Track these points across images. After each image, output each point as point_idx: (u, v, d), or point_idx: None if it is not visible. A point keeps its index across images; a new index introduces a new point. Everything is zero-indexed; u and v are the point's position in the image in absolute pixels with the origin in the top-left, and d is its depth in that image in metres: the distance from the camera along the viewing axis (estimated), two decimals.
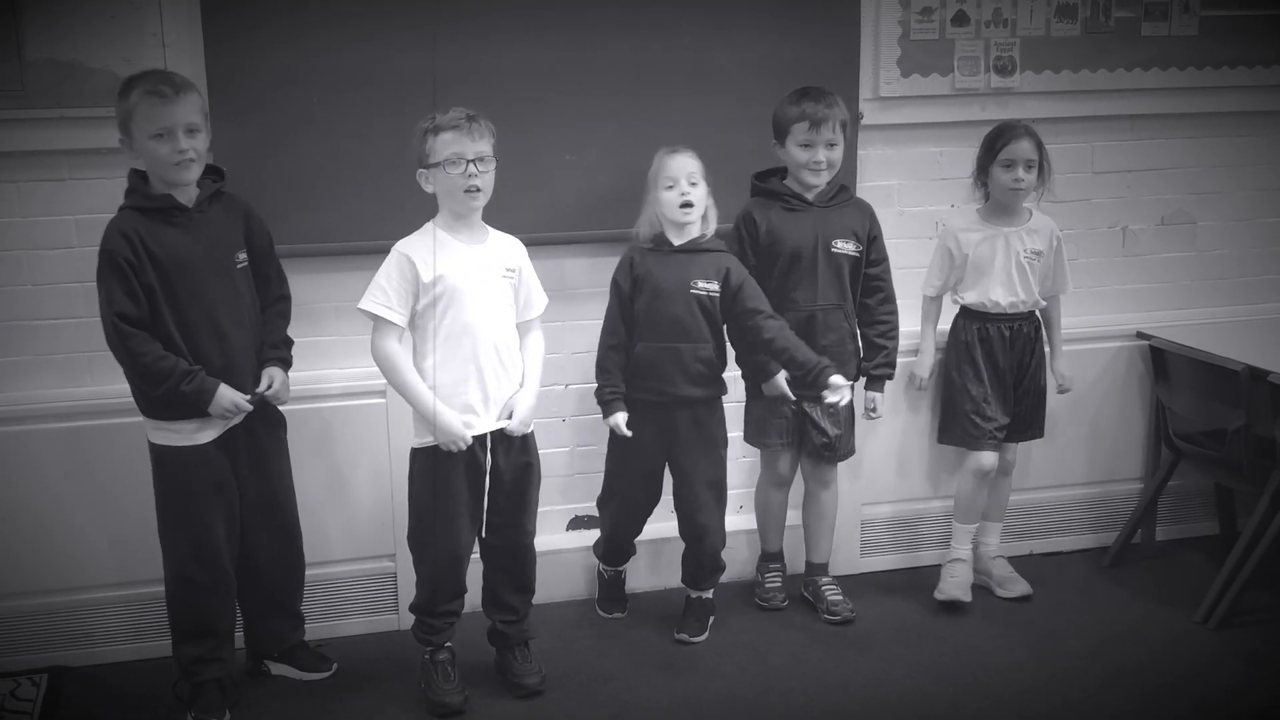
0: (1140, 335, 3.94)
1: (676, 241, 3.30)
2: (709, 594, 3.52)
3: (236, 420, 2.96)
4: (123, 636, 3.36)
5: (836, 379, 3.20)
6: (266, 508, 3.09)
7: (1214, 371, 3.58)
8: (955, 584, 3.64)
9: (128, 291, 2.82)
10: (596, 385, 3.35)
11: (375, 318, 2.98)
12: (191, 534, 2.98)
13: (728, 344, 3.41)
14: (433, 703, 3.10)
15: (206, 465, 2.95)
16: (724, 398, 3.41)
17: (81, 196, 3.26)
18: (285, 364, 3.07)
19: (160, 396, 2.87)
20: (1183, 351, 3.74)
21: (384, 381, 3.33)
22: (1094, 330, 3.96)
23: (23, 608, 3.29)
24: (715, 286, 3.29)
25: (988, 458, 3.62)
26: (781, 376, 3.44)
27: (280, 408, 3.09)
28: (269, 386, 3.00)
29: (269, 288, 3.08)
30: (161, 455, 2.96)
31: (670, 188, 3.25)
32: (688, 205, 3.24)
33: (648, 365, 3.30)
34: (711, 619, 3.51)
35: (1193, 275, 4.16)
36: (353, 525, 3.41)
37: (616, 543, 3.57)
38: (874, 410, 3.58)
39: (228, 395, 2.90)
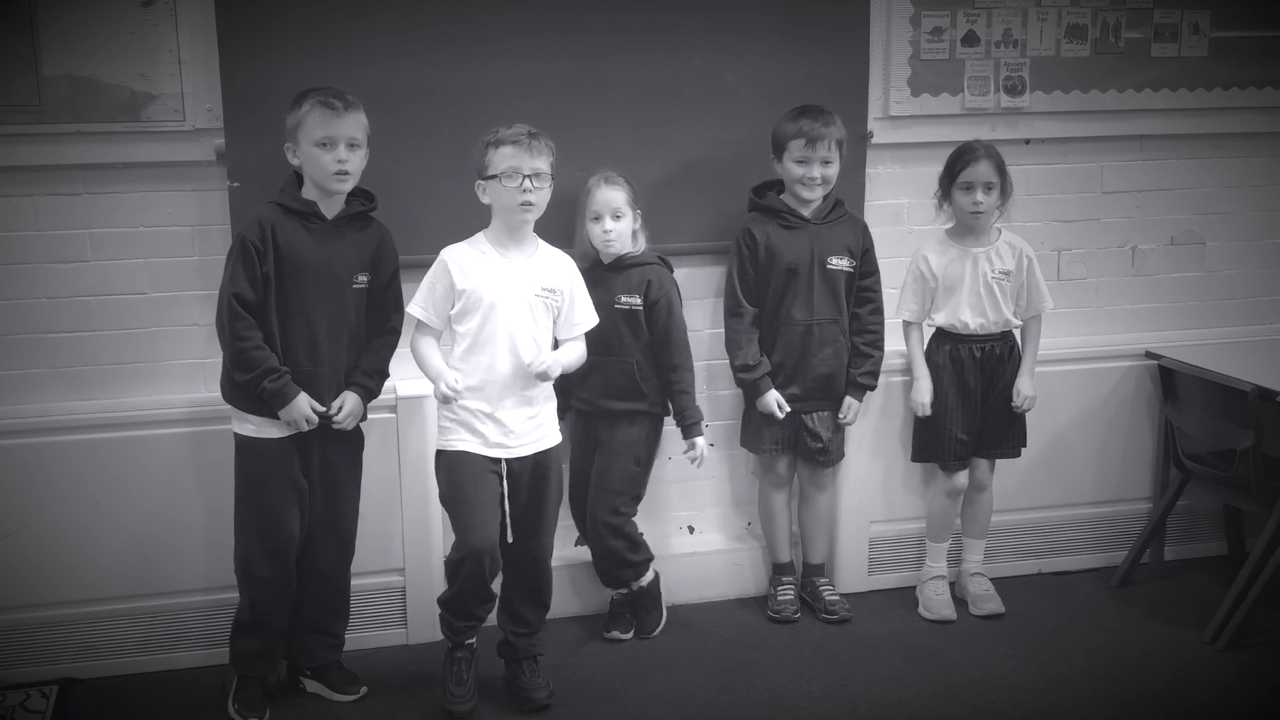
0: (1149, 355, 3.94)
1: (606, 261, 3.39)
2: (643, 580, 3.55)
3: (304, 430, 3.01)
4: (132, 649, 3.37)
5: (694, 441, 3.43)
6: (328, 517, 3.15)
7: (1223, 391, 3.58)
8: (941, 602, 3.67)
9: (250, 276, 2.92)
10: None
11: (415, 318, 3.09)
12: (261, 524, 3.04)
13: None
14: (441, 710, 3.14)
15: (282, 459, 3.03)
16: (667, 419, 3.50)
17: (96, 211, 3.29)
18: (367, 393, 3.13)
19: (243, 384, 2.95)
20: (1192, 371, 3.74)
21: (394, 396, 3.36)
22: (1103, 349, 3.97)
23: (32, 619, 3.29)
24: (638, 300, 3.38)
25: (959, 477, 3.68)
26: (772, 395, 3.51)
27: (354, 426, 3.13)
28: (338, 410, 3.05)
29: (382, 316, 3.13)
30: (241, 444, 3.06)
31: (595, 219, 3.34)
32: (609, 240, 3.33)
33: (578, 377, 3.37)
34: (661, 599, 3.57)
35: (1202, 295, 4.17)
36: (362, 539, 3.41)
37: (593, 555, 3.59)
38: (845, 416, 3.61)
39: (301, 406, 2.97)
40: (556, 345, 3.18)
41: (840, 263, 3.52)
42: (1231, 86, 3.98)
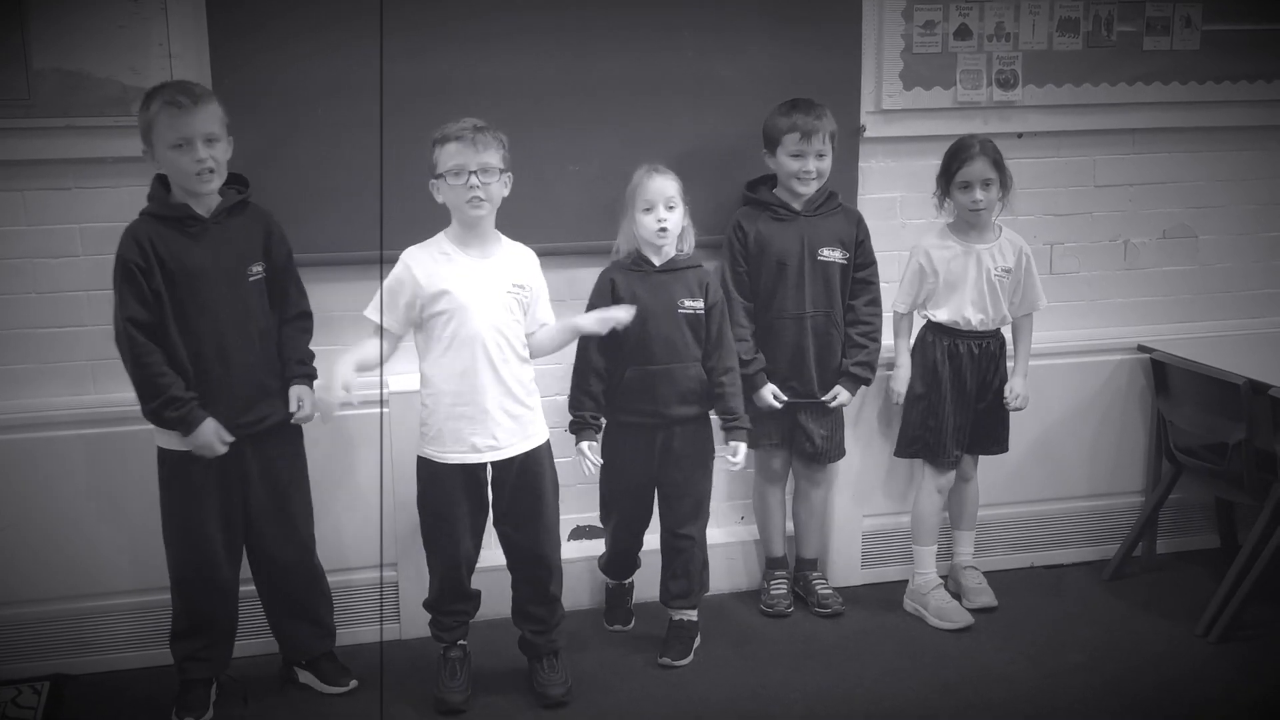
0: (1141, 348, 3.95)
1: (657, 261, 3.29)
2: (693, 615, 3.46)
3: (218, 453, 2.93)
4: (124, 644, 3.36)
5: (737, 446, 3.31)
6: (275, 515, 3.11)
7: (1215, 385, 3.59)
8: (954, 609, 3.62)
9: (139, 298, 2.85)
10: (572, 408, 3.29)
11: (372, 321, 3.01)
12: (186, 533, 3.01)
13: None
14: (435, 699, 3.16)
15: (203, 469, 2.96)
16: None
17: (87, 205, 3.28)
18: (311, 379, 3.09)
19: (146, 414, 2.91)
20: (1184, 365, 3.74)
21: (384, 391, 3.35)
22: (1095, 343, 3.97)
23: (25, 615, 3.29)
24: (700, 304, 3.30)
25: (947, 475, 3.66)
26: (768, 389, 3.49)
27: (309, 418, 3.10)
28: (298, 408, 3.03)
29: (287, 302, 3.08)
30: (163, 458, 3.01)
31: (648, 210, 3.24)
32: (664, 230, 3.24)
33: (641, 388, 3.28)
34: (696, 641, 3.45)
35: (1194, 289, 4.17)
36: (353, 534, 3.41)
37: (618, 557, 3.57)
38: (830, 403, 3.57)
39: (208, 433, 2.90)
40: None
41: (832, 254, 3.51)
42: (1223, 80, 3.98)
